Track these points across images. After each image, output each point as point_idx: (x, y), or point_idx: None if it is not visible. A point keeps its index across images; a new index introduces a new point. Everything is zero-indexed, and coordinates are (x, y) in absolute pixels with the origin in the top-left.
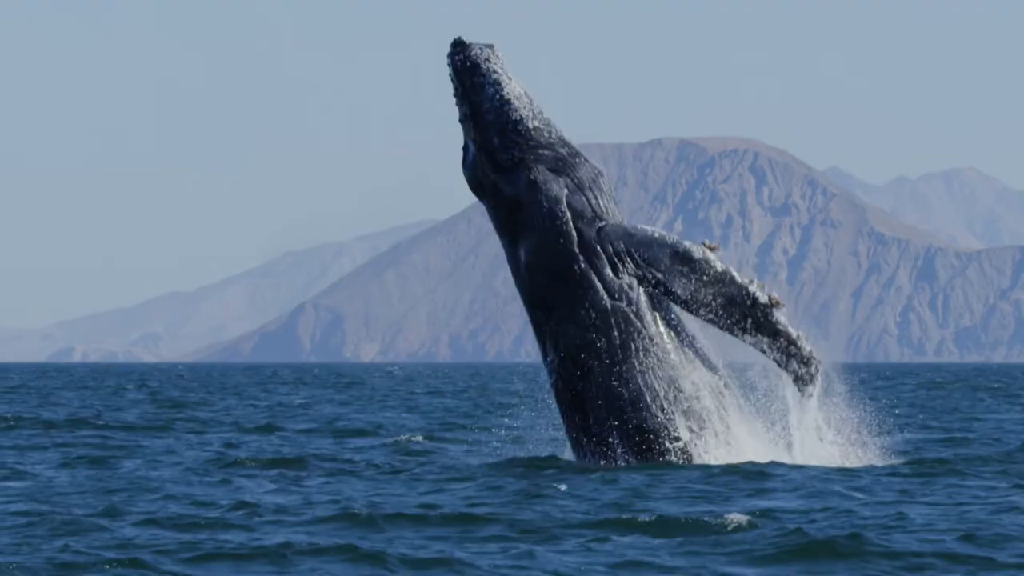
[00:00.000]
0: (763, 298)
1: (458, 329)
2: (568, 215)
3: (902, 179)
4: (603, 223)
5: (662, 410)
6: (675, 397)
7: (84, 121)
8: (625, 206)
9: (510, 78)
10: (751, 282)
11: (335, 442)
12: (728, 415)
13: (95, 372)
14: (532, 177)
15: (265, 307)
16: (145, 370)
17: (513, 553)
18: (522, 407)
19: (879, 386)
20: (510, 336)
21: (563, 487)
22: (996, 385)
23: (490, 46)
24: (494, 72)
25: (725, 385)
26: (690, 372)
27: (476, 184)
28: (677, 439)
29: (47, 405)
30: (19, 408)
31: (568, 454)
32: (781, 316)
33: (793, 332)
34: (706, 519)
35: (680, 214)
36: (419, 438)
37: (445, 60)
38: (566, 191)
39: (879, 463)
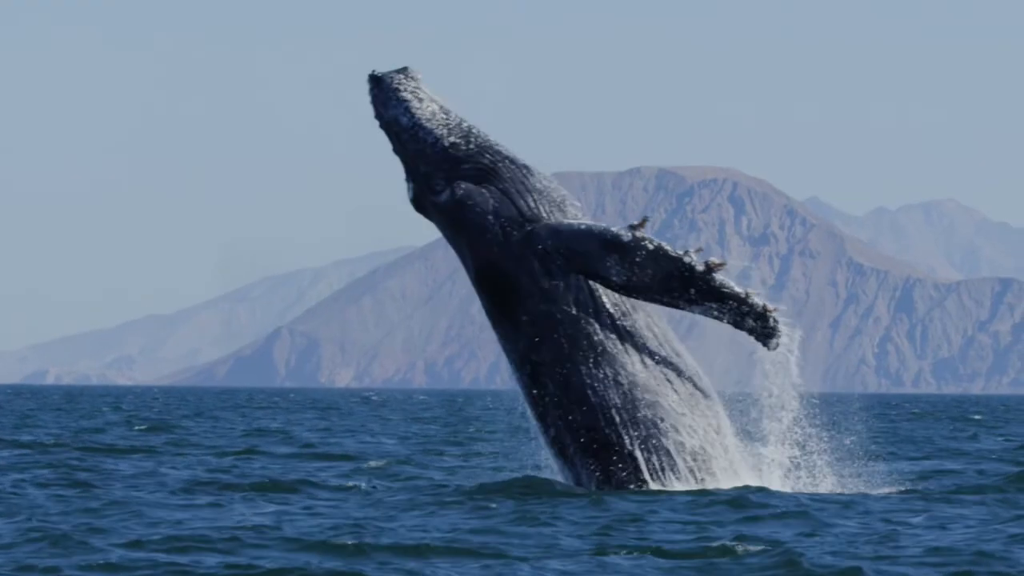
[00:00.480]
0: (700, 266)
1: (434, 355)
2: (496, 225)
3: (881, 210)
4: (532, 226)
5: (616, 426)
6: (633, 410)
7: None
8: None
9: (421, 99)
10: (685, 253)
11: (317, 467)
12: (704, 432)
13: (69, 395)
14: (456, 195)
15: (241, 331)
16: (119, 393)
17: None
18: (500, 432)
19: (860, 416)
20: (486, 363)
21: (548, 511)
22: (978, 416)
23: (403, 70)
24: (404, 100)
25: (705, 395)
26: (656, 380)
27: (421, 210)
28: (635, 458)
29: (24, 427)
30: None
31: (553, 476)
32: (723, 278)
33: (740, 290)
34: (697, 545)
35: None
36: (401, 463)
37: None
38: (491, 201)
39: (868, 491)
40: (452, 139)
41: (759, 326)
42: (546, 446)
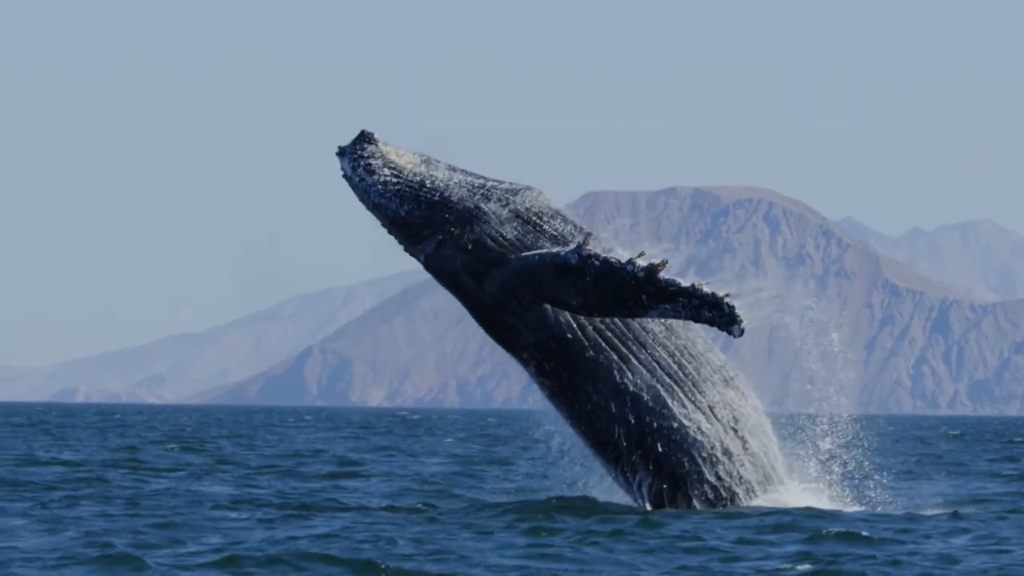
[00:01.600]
0: (642, 273)
1: (466, 375)
2: (468, 281)
3: (917, 231)
4: (494, 271)
5: (630, 438)
6: (642, 421)
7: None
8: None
9: (373, 172)
10: (628, 261)
11: (357, 484)
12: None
13: (100, 413)
14: (426, 264)
15: (271, 350)
16: (151, 411)
17: None
18: (537, 451)
19: (901, 437)
20: (518, 383)
21: (604, 529)
22: (1019, 439)
23: (359, 137)
24: (361, 181)
25: (711, 407)
26: (662, 386)
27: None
28: (653, 469)
29: (63, 446)
30: (26, 447)
31: (595, 493)
32: (668, 277)
33: (687, 284)
34: (754, 566)
35: (693, 264)
36: (445, 482)
37: None
38: (459, 258)
39: (913, 512)
40: (406, 207)
41: (716, 315)
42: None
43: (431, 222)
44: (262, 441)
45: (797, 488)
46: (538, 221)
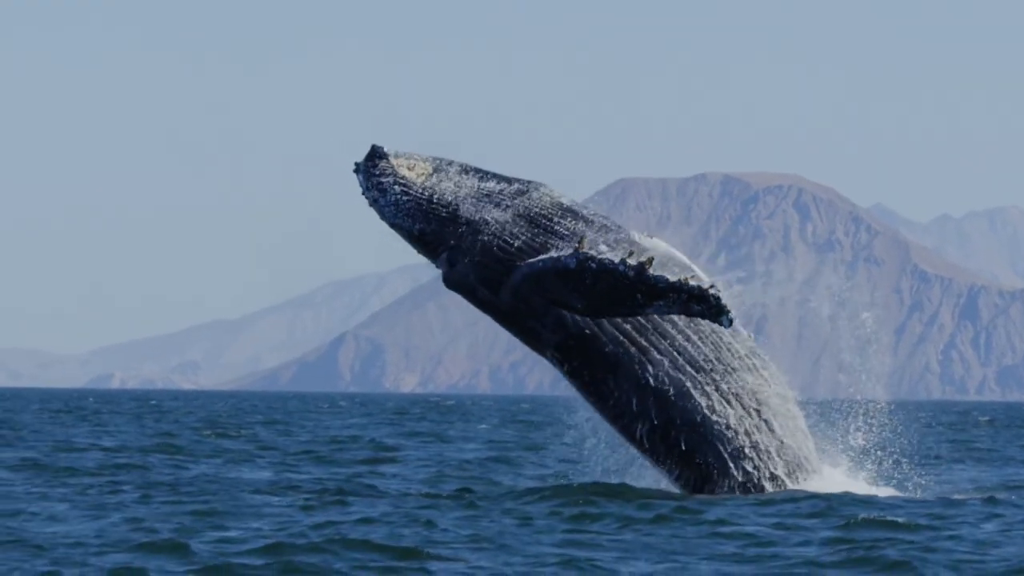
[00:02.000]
0: (632, 272)
1: (499, 361)
2: (486, 292)
3: (946, 217)
4: (508, 280)
5: (656, 428)
6: (667, 411)
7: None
8: (668, 241)
9: (385, 190)
10: (620, 261)
11: (396, 470)
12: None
13: (137, 399)
14: (445, 280)
15: (305, 337)
16: (188, 397)
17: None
18: (571, 437)
19: (931, 423)
20: (551, 370)
21: (639, 515)
22: None
23: (372, 154)
24: (373, 199)
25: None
26: (683, 375)
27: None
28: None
29: (103, 432)
30: (65, 433)
31: (632, 479)
32: (656, 274)
33: (674, 279)
34: (794, 551)
35: (723, 250)
36: (482, 468)
37: None
38: (473, 272)
39: (948, 497)
40: (418, 226)
41: (704, 308)
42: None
43: (443, 237)
44: (298, 427)
45: (830, 474)
46: (547, 223)
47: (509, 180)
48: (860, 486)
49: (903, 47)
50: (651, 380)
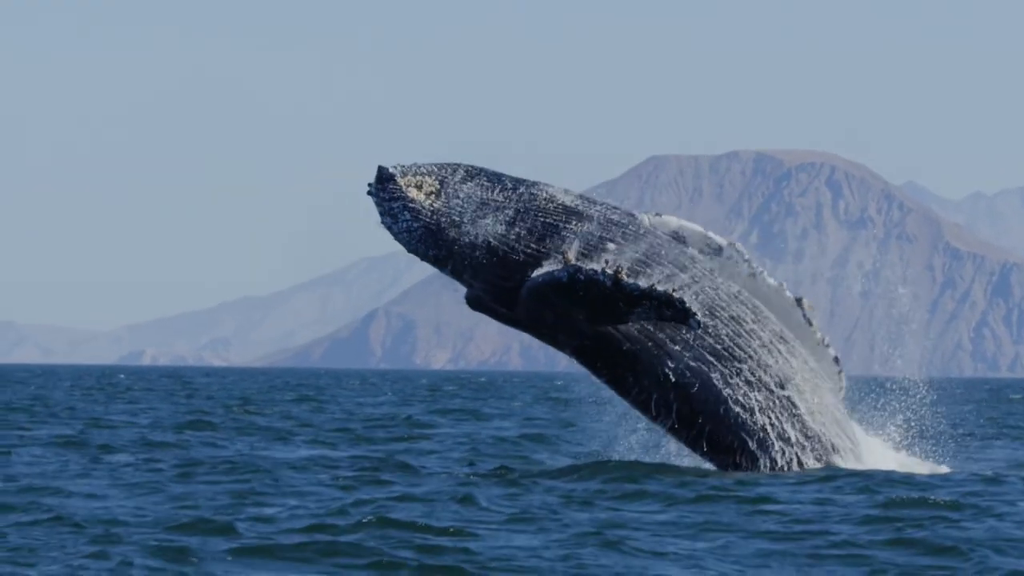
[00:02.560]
0: (608, 281)
1: (530, 338)
2: (503, 309)
3: (978, 194)
4: (518, 296)
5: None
6: (691, 415)
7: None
8: (700, 218)
9: (396, 217)
10: (600, 271)
11: (431, 447)
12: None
13: (169, 376)
14: (468, 304)
15: (336, 313)
16: (220, 373)
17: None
18: (607, 414)
19: (966, 400)
20: None
21: (680, 494)
22: None
23: (379, 178)
24: (387, 226)
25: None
26: (700, 360)
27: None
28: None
29: (137, 411)
30: (98, 410)
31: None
32: (630, 281)
33: (645, 285)
34: (842, 528)
35: (756, 227)
36: (519, 447)
37: None
38: (485, 293)
39: (983, 473)
40: (432, 251)
41: (672, 313)
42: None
43: (455, 260)
44: (332, 404)
45: (867, 455)
46: (550, 228)
47: (513, 184)
48: (898, 464)
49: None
50: (671, 374)
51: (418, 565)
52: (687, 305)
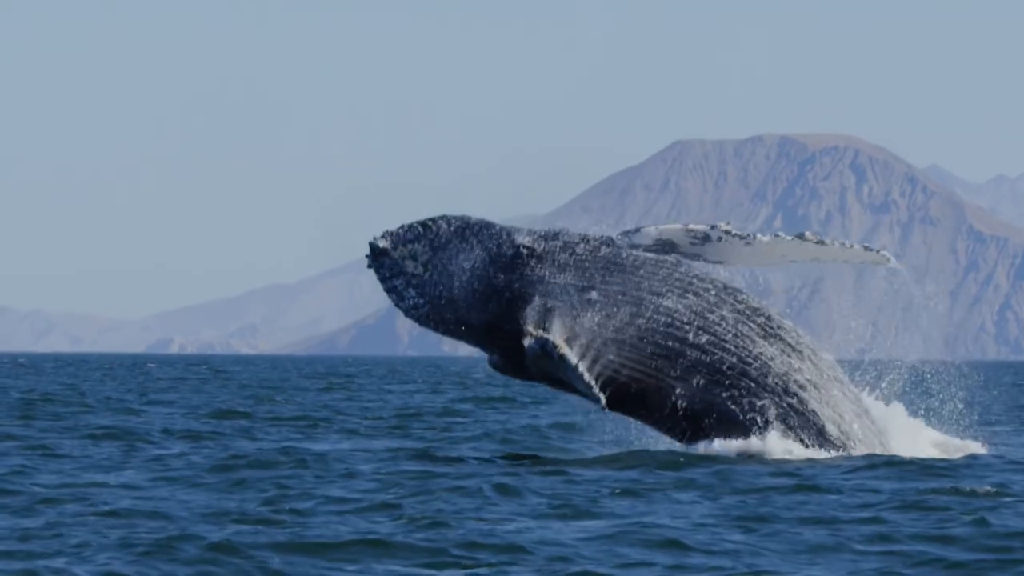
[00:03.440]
0: (556, 353)
1: None
2: (526, 369)
3: (1001, 177)
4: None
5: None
6: (697, 428)
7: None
8: (725, 203)
9: (400, 295)
10: (555, 344)
11: (469, 435)
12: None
13: (199, 364)
14: (495, 370)
15: (363, 301)
16: (248, 361)
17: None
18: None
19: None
20: None
21: (707, 481)
22: None
23: (373, 253)
24: (394, 304)
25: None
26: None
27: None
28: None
29: (169, 402)
30: (132, 400)
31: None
32: (557, 351)
33: (574, 362)
34: (864, 514)
35: (780, 211)
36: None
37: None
38: (499, 360)
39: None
40: (441, 328)
41: (585, 391)
42: None
43: (461, 328)
44: (365, 393)
45: (890, 439)
46: (535, 284)
47: (489, 236)
48: (924, 450)
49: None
50: (679, 401)
51: (464, 557)
52: (595, 390)
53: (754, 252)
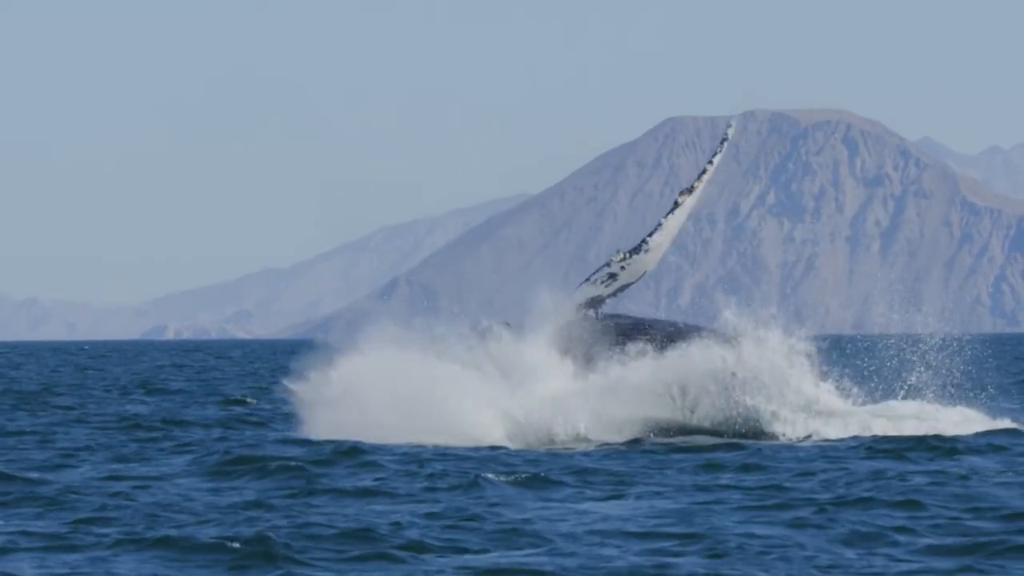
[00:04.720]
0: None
1: None
2: None
3: (995, 149)
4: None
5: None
6: None
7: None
8: (718, 179)
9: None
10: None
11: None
12: None
13: (189, 349)
14: None
15: (359, 282)
16: (249, 347)
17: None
18: None
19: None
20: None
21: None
22: None
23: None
24: None
25: None
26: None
27: None
28: None
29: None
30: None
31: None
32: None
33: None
34: (878, 492)
35: (773, 186)
36: None
37: None
38: None
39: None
40: None
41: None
42: None
43: None
44: None
45: (890, 411)
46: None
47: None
48: (919, 418)
49: None
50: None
51: (492, 546)
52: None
53: (658, 247)
